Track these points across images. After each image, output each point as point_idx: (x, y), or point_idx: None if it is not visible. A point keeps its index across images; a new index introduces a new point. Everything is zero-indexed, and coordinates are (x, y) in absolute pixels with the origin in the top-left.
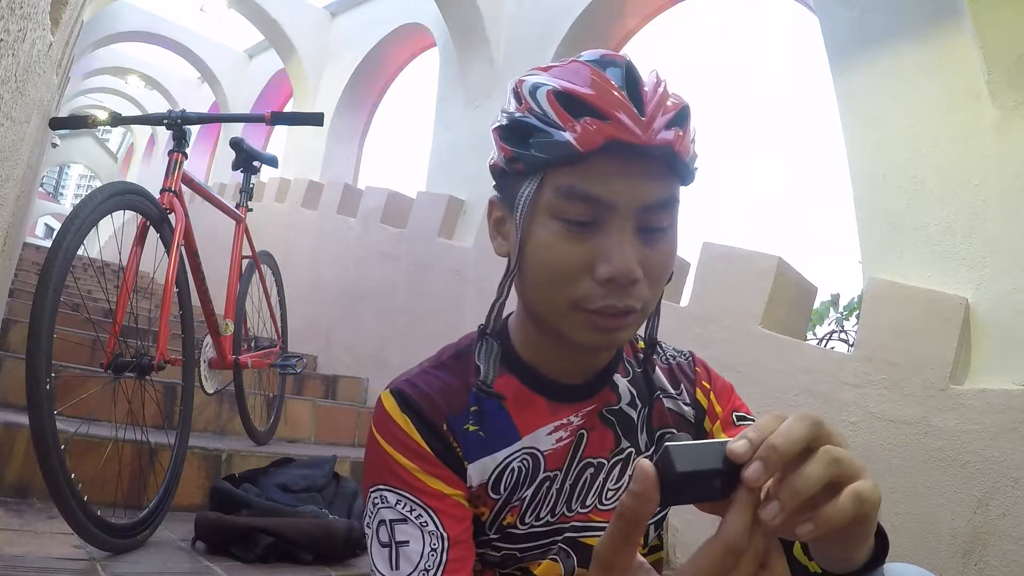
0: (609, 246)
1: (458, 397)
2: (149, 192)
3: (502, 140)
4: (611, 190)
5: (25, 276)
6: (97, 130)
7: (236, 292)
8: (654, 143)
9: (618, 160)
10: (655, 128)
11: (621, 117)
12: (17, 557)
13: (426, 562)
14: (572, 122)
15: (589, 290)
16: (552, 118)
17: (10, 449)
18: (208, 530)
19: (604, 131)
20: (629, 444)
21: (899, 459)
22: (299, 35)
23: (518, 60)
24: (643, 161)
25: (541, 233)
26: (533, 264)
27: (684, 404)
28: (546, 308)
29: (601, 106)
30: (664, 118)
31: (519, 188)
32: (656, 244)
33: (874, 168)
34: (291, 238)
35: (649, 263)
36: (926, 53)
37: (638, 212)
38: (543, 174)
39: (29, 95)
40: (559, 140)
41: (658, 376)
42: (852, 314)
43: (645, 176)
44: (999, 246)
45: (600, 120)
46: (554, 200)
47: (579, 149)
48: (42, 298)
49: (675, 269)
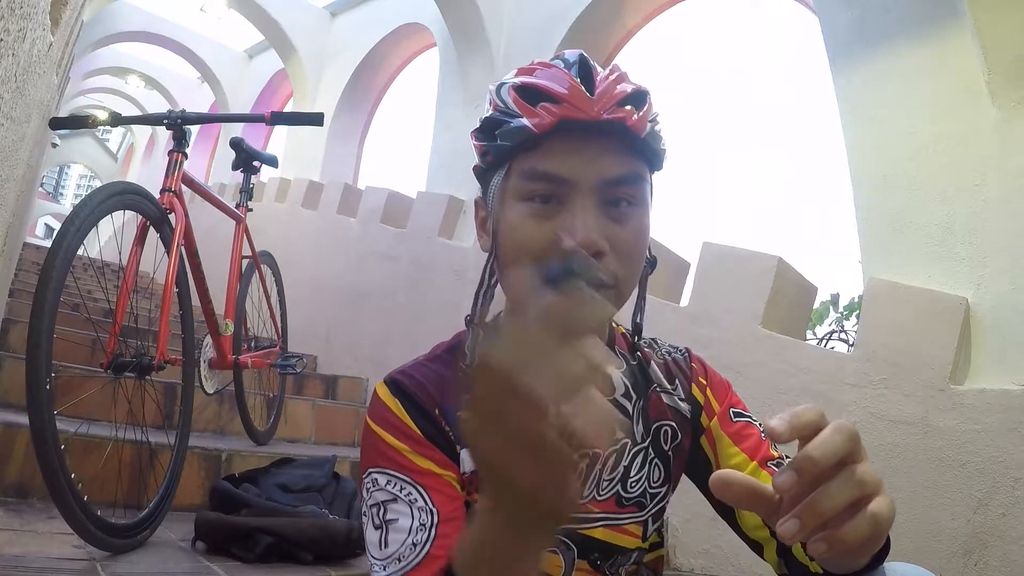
0: (571, 221)
1: (451, 386)
2: (149, 192)
3: (476, 139)
4: (569, 167)
5: (25, 276)
6: (97, 130)
7: (236, 292)
8: (603, 119)
9: (574, 139)
10: (604, 104)
11: (571, 98)
12: (17, 557)
13: (414, 537)
14: (529, 109)
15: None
16: (513, 109)
17: (10, 449)
18: (208, 530)
19: (557, 111)
20: (624, 435)
21: (899, 459)
22: (299, 35)
23: (518, 60)
24: (598, 138)
25: (510, 216)
26: (505, 246)
27: (680, 400)
28: (518, 287)
29: (553, 90)
30: (615, 96)
31: (491, 180)
32: (623, 220)
33: (874, 168)
34: (291, 238)
35: (616, 238)
36: (926, 53)
37: (600, 187)
38: (509, 163)
39: (29, 95)
40: (518, 126)
41: (654, 370)
42: (852, 314)
43: (602, 152)
44: (999, 246)
45: (553, 103)
46: (519, 184)
47: (535, 131)
48: (42, 298)
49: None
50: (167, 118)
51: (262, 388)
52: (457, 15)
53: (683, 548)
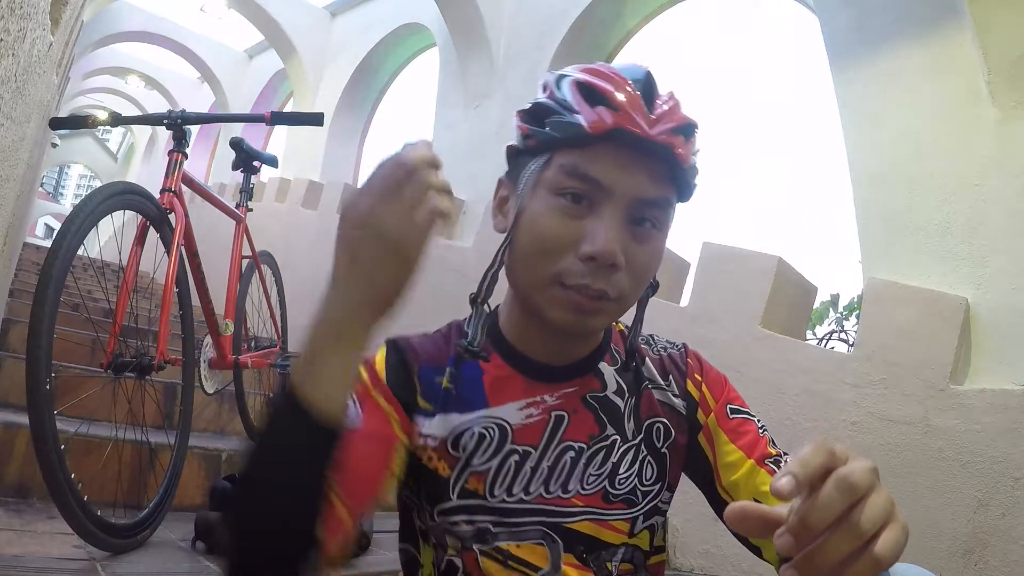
0: (597, 227)
1: (439, 353)
2: (149, 192)
3: (522, 120)
4: (611, 176)
5: (25, 276)
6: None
7: (236, 292)
8: (657, 140)
9: (623, 151)
10: (660, 127)
11: (631, 110)
12: (17, 557)
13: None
14: (587, 108)
15: (570, 266)
16: (570, 103)
17: (10, 449)
18: (208, 530)
19: (614, 119)
20: (614, 432)
21: (899, 459)
22: (299, 35)
23: (518, 60)
24: (645, 157)
25: (538, 206)
26: (524, 235)
27: (674, 396)
28: (528, 279)
29: (615, 98)
30: (671, 123)
31: (528, 164)
32: (643, 241)
33: (874, 168)
34: (291, 238)
35: (633, 256)
36: (926, 53)
37: (632, 203)
38: (552, 153)
39: (29, 95)
40: (572, 122)
41: (647, 367)
42: (852, 314)
43: (645, 171)
44: (999, 246)
45: (612, 110)
46: (556, 177)
47: (588, 131)
48: (42, 298)
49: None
50: (167, 118)
51: (262, 388)
52: (457, 15)
53: (683, 548)
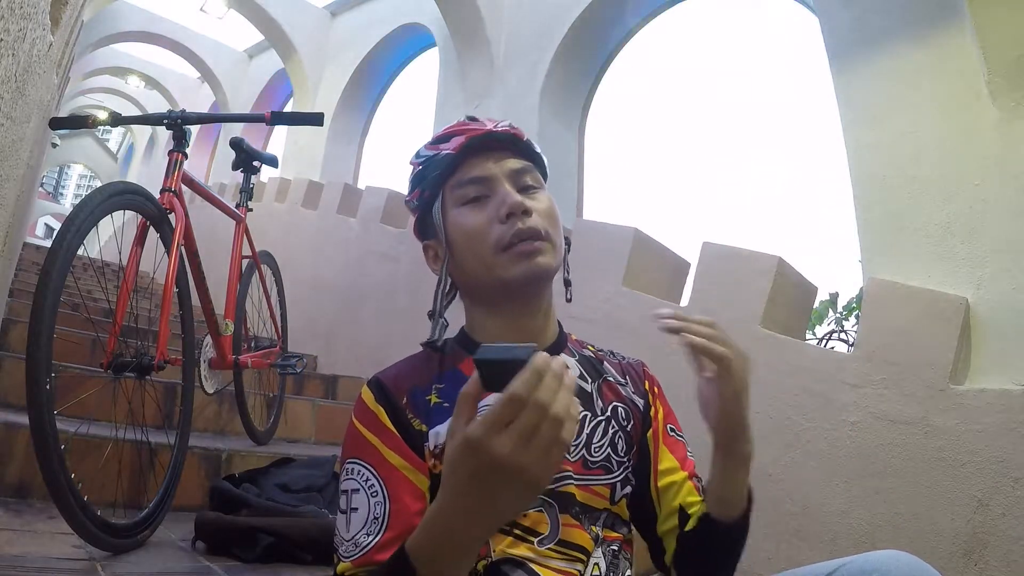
0: (500, 198)
1: (425, 373)
2: (149, 192)
3: (408, 193)
4: (487, 169)
5: (25, 276)
6: (97, 130)
7: (236, 292)
8: (500, 131)
9: (484, 151)
10: (496, 124)
11: (474, 125)
12: (17, 557)
13: (369, 527)
14: (446, 143)
15: (500, 232)
16: (431, 152)
17: (10, 449)
18: (208, 530)
19: (467, 134)
20: (584, 408)
21: (899, 459)
22: (299, 35)
23: (518, 60)
24: (500, 146)
25: (456, 219)
26: (459, 238)
27: (632, 392)
28: (478, 265)
29: (461, 127)
30: (502, 123)
31: (432, 210)
32: (535, 198)
33: (874, 168)
34: (291, 238)
35: (535, 206)
36: (926, 53)
37: (510, 176)
38: (442, 190)
39: (29, 95)
40: (442, 155)
41: (607, 368)
42: (852, 314)
43: (503, 154)
44: (999, 246)
45: (458, 134)
46: (455, 196)
47: (454, 152)
48: (42, 298)
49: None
50: (167, 118)
51: (262, 388)
52: (457, 15)
53: None
